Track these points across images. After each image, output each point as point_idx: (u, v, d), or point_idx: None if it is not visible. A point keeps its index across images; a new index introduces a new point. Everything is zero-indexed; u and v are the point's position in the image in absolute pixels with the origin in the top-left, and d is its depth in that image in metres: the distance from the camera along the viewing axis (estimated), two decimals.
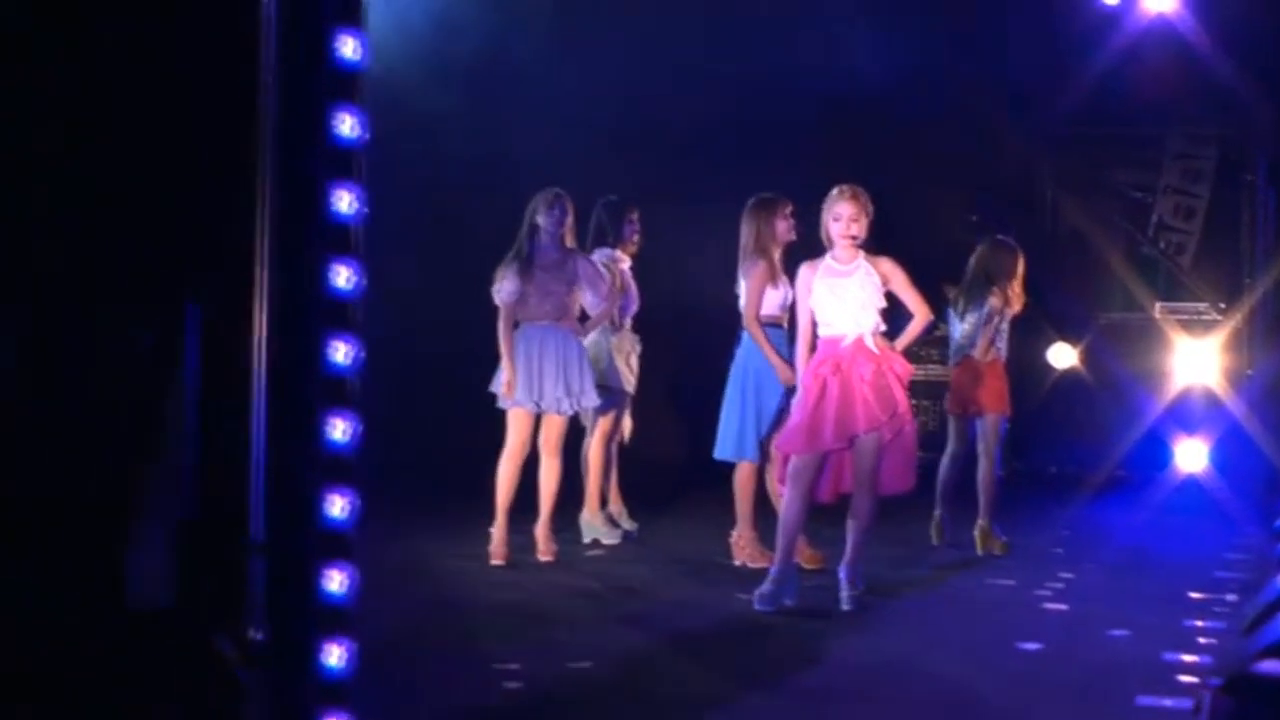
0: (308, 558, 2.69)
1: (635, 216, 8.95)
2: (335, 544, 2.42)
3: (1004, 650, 6.41)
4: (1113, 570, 8.50)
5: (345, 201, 2.83)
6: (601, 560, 8.45)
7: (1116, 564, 8.71)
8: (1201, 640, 6.55)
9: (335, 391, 2.48)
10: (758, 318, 8.05)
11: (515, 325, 8.20)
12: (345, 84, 2.90)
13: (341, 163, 2.86)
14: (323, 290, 2.74)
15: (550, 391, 8.11)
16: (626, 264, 8.90)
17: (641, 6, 10.89)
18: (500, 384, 8.16)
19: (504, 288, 8.17)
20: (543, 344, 8.13)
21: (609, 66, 10.64)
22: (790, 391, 7.63)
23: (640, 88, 10.91)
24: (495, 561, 8.05)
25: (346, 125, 2.84)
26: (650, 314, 9.20)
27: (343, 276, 2.80)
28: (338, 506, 2.40)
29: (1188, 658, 6.22)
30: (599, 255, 8.69)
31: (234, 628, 2.27)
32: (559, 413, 8.18)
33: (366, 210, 2.88)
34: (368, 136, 2.89)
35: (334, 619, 2.52)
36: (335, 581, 2.47)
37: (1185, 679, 5.86)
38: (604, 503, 9.00)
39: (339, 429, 2.24)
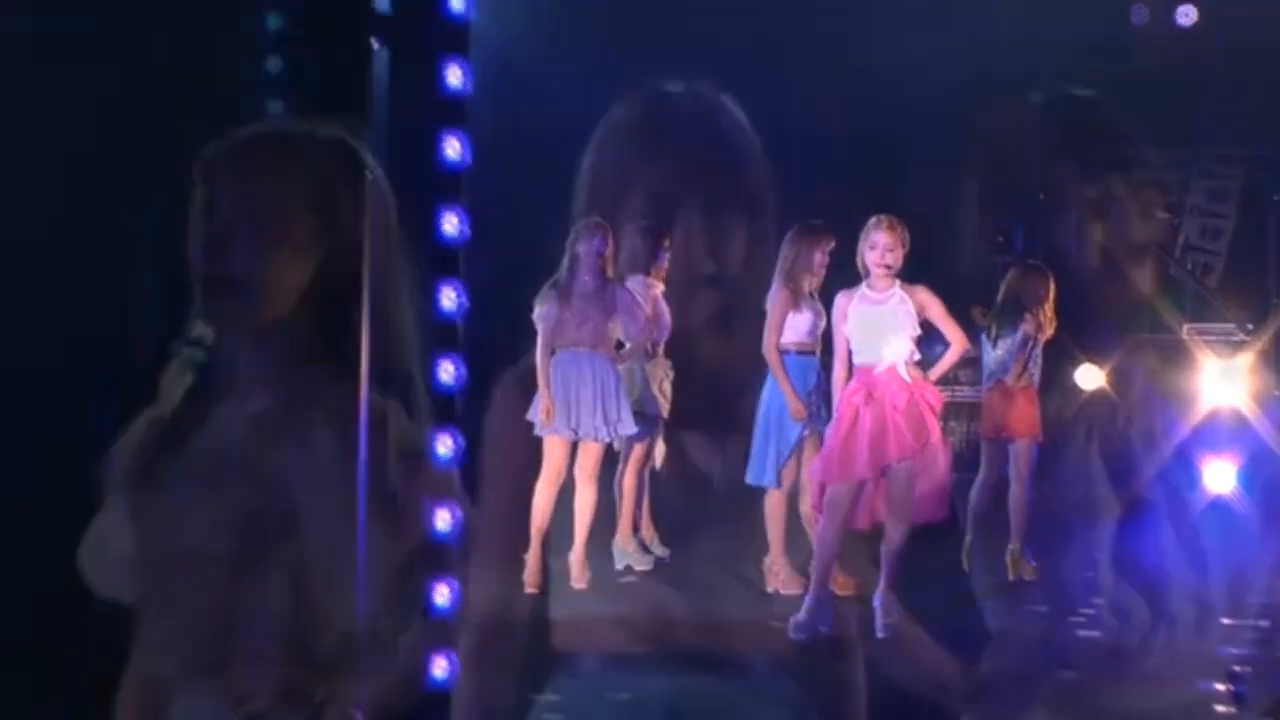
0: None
1: (668, 242, 8.96)
2: (439, 633, 2.46)
3: (1039, 678, 6.45)
4: (1143, 595, 8.50)
5: (450, 300, 2.88)
6: (635, 587, 8.47)
7: (1146, 588, 8.71)
8: (1236, 668, 6.58)
9: (439, 483, 2.52)
10: (777, 346, 8.07)
11: (552, 352, 8.23)
12: (449, 184, 2.95)
13: (446, 261, 2.91)
14: (429, 386, 2.77)
15: (588, 419, 8.13)
16: (660, 289, 8.90)
17: (689, 30, 10.90)
18: (537, 411, 8.20)
19: (542, 314, 8.21)
20: (580, 371, 8.15)
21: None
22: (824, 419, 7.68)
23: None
24: (530, 589, 8.06)
25: (451, 225, 2.90)
26: (682, 339, 9.21)
27: (447, 372, 2.85)
28: (441, 596, 2.45)
29: (1222, 687, 6.26)
30: (632, 281, 8.70)
31: (337, 713, 2.31)
32: (596, 440, 8.22)
33: (468, 303, 2.95)
34: (469, 233, 2.95)
35: (436, 707, 2.55)
36: (439, 669, 2.52)
37: (1221, 709, 5.90)
38: (635, 528, 9.02)
39: (443, 520, 2.29)
